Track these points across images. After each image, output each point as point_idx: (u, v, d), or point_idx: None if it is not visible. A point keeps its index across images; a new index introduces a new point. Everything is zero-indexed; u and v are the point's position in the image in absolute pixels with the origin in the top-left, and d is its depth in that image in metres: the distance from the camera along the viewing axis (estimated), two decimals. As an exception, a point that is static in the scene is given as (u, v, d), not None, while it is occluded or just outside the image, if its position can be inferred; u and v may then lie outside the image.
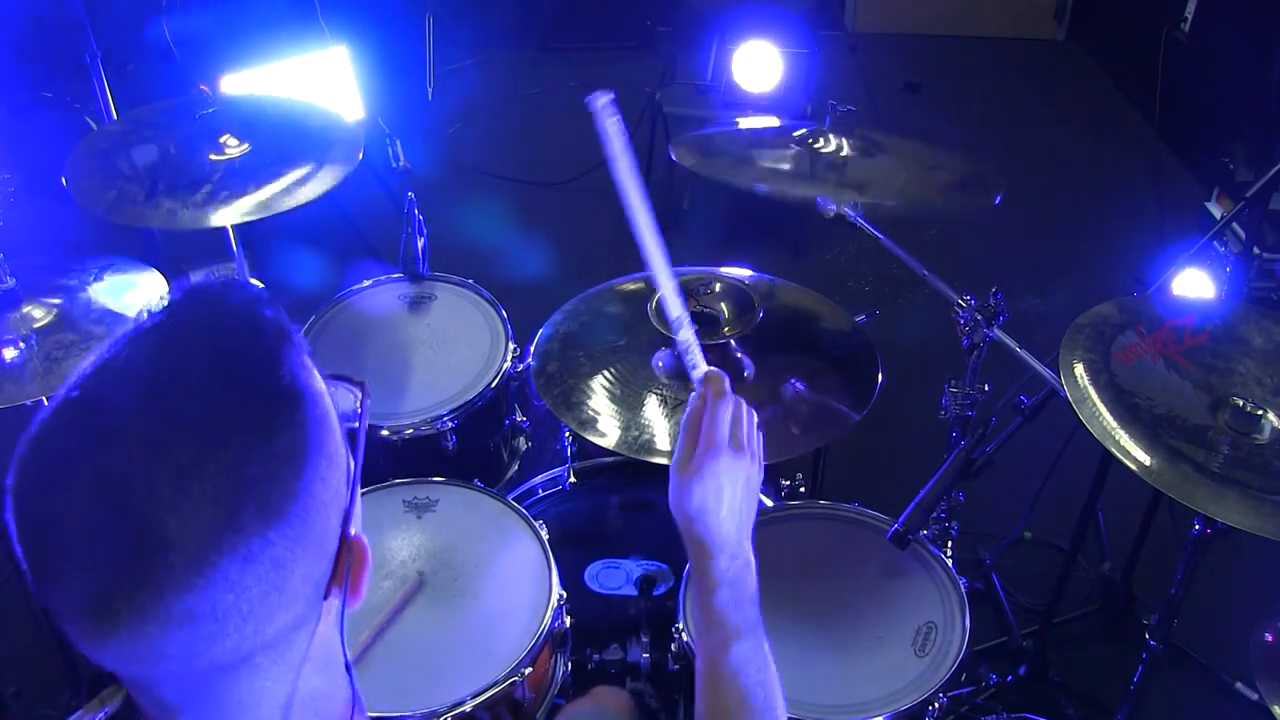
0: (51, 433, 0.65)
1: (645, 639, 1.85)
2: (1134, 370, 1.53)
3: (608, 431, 1.76)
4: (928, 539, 1.78)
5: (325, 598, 0.73)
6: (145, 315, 0.71)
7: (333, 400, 0.75)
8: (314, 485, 0.68)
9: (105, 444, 0.63)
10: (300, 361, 0.71)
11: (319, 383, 0.73)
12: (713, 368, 1.05)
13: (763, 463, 1.04)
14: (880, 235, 1.91)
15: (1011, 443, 1.69)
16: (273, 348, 0.70)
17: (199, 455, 0.63)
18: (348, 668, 0.78)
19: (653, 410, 1.79)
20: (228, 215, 1.85)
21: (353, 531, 0.74)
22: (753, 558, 1.02)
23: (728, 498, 0.99)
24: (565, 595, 1.68)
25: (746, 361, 1.87)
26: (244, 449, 0.65)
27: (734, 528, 1.00)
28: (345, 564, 0.73)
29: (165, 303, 0.74)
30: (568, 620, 1.70)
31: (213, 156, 1.96)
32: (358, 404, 0.80)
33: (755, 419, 1.05)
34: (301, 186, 1.89)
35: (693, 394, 1.04)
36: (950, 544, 2.01)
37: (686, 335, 1.08)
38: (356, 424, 0.79)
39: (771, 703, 0.99)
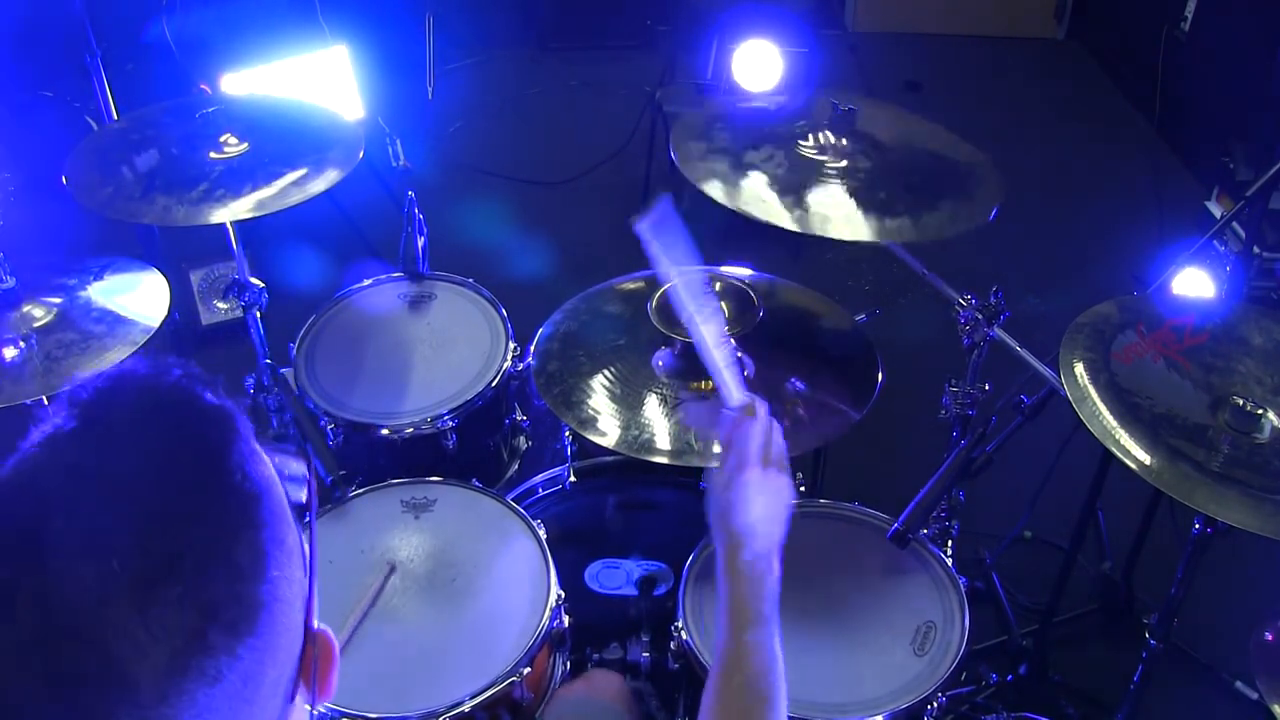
0: None
1: (645, 638, 1.85)
2: (1134, 369, 1.53)
3: (608, 431, 1.76)
4: (928, 538, 1.78)
5: (290, 700, 0.67)
6: (60, 410, 0.62)
7: (279, 471, 0.69)
8: (279, 587, 0.63)
9: (41, 571, 0.55)
10: (249, 452, 0.65)
11: (268, 468, 0.67)
12: (747, 396, 1.19)
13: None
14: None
15: (1011, 442, 1.69)
16: (219, 445, 0.63)
17: (154, 580, 0.57)
18: None
19: (653, 409, 1.79)
20: (226, 213, 1.85)
21: (316, 625, 0.69)
22: (777, 564, 1.12)
23: (760, 505, 1.11)
24: (564, 595, 1.68)
25: (747, 361, 1.87)
26: (202, 568, 0.59)
27: (764, 532, 1.11)
28: (311, 662, 0.68)
29: (84, 393, 0.63)
30: (566, 620, 1.70)
31: (213, 155, 1.96)
32: (305, 481, 0.72)
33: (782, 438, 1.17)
34: (301, 185, 1.89)
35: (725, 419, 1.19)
36: (950, 543, 2.00)
37: (723, 373, 1.22)
38: (305, 499, 0.72)
39: (774, 693, 1.08)
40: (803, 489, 2.14)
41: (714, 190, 1.71)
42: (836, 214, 1.68)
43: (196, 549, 0.59)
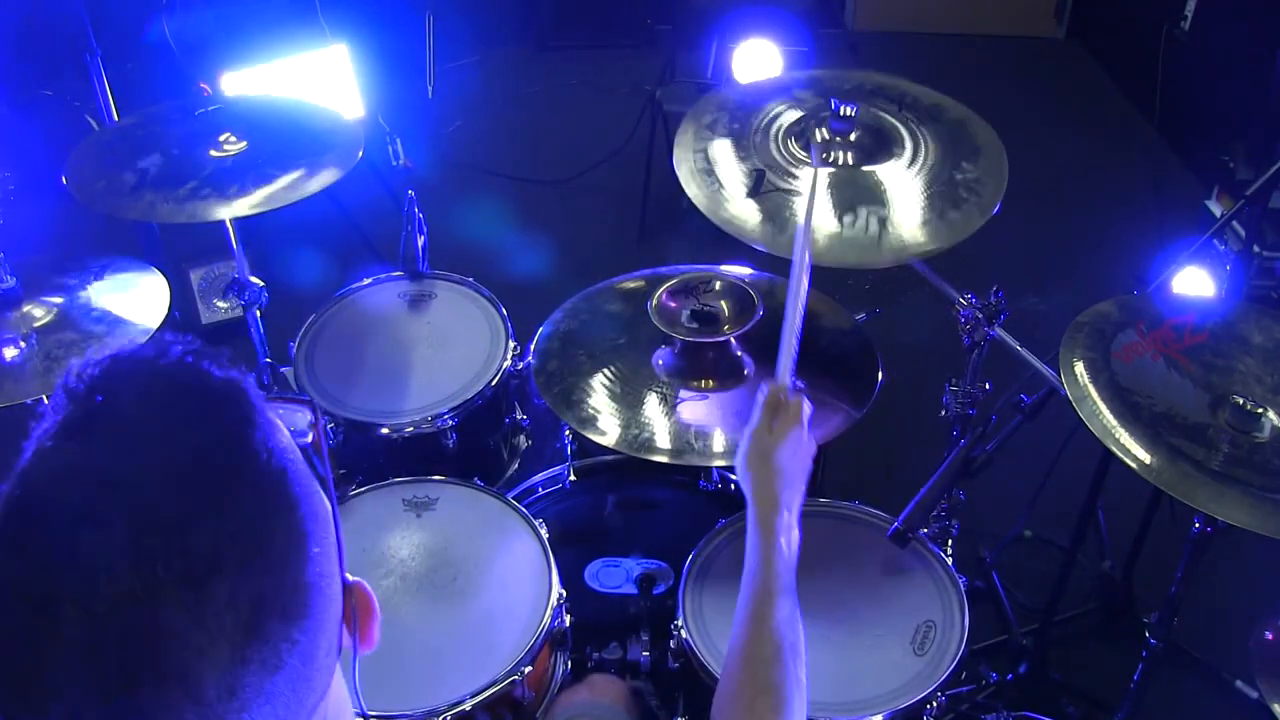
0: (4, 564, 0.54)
1: (645, 637, 1.85)
2: (1134, 368, 1.53)
3: (608, 430, 1.76)
4: (927, 537, 1.78)
5: (338, 654, 0.68)
6: (57, 404, 0.58)
7: (285, 424, 0.66)
8: (321, 563, 0.62)
9: (81, 584, 0.53)
10: (268, 426, 0.61)
11: (285, 435, 0.64)
12: (792, 380, 1.31)
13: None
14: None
15: (1012, 441, 1.69)
16: (237, 427, 0.60)
17: (200, 580, 0.55)
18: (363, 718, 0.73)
19: (653, 408, 1.79)
20: (226, 211, 1.86)
21: (350, 577, 0.68)
22: (797, 535, 1.18)
23: (800, 469, 1.21)
24: (565, 594, 1.68)
25: (746, 359, 1.87)
26: (246, 560, 0.57)
27: (794, 496, 1.19)
28: (350, 612, 0.68)
29: (80, 385, 0.58)
30: (567, 619, 1.70)
31: (213, 154, 1.96)
32: (311, 429, 0.69)
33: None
34: (301, 184, 1.89)
35: (764, 383, 1.29)
36: (950, 542, 2.00)
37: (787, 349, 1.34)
38: (312, 443, 0.69)
39: (797, 668, 1.07)
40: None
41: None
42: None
43: (237, 542, 0.56)
